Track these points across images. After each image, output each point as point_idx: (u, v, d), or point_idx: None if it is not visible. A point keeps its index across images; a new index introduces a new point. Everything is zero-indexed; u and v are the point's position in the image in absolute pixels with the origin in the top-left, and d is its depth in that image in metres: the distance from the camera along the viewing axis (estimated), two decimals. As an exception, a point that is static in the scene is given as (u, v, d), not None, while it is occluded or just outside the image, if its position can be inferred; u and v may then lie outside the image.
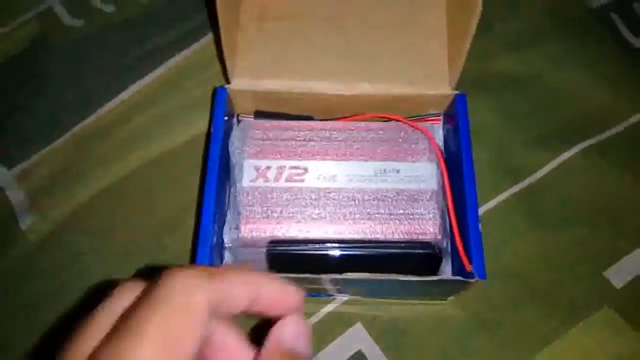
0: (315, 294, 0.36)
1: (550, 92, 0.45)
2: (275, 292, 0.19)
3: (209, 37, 0.47)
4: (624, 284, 0.38)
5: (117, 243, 0.40)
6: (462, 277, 0.30)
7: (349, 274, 0.30)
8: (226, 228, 0.34)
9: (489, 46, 0.46)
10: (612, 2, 0.49)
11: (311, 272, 0.30)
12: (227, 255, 0.34)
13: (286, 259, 0.33)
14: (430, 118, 0.39)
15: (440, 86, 0.37)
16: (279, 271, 0.32)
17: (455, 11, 0.37)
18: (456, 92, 0.36)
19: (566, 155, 0.42)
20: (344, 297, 0.37)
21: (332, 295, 0.37)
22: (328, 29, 0.38)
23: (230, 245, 0.33)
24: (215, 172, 0.33)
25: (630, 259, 0.38)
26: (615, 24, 0.48)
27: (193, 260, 0.31)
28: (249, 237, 0.33)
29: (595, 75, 0.46)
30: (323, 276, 0.30)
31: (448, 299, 0.37)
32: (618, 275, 0.38)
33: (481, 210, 0.40)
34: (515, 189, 0.41)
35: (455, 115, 0.36)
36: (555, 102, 0.45)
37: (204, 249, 0.31)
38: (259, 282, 0.19)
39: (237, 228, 0.33)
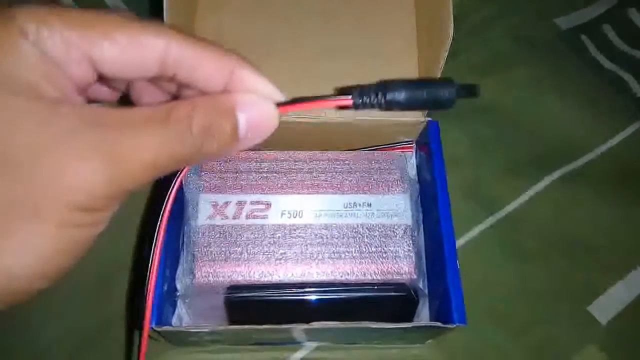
0: (282, 342, 0.33)
1: (522, 119, 0.44)
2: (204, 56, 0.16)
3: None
4: (608, 320, 0.36)
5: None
6: (441, 322, 0.28)
7: (316, 323, 0.27)
8: (179, 273, 0.30)
9: (456, 73, 0.44)
10: (582, 25, 0.48)
11: (276, 320, 0.27)
12: (179, 305, 0.30)
13: (248, 306, 0.30)
14: (401, 146, 0.37)
15: (411, 113, 0.35)
16: (240, 320, 0.29)
17: (424, 41, 0.35)
18: (428, 118, 0.34)
19: (541, 184, 0.41)
20: (314, 344, 0.34)
21: (301, 343, 0.34)
22: (296, 59, 0.36)
23: (183, 292, 0.30)
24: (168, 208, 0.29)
25: (613, 293, 0.37)
26: (586, 47, 0.47)
27: (141, 312, 0.27)
28: (204, 282, 0.29)
29: (567, 101, 0.45)
30: (287, 326, 0.27)
31: (426, 342, 0.34)
32: (602, 310, 0.36)
33: (457, 243, 0.38)
34: (490, 220, 0.39)
35: (428, 143, 0.34)
36: (528, 129, 0.43)
37: (154, 297, 0.27)
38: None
39: (192, 272, 0.29)
